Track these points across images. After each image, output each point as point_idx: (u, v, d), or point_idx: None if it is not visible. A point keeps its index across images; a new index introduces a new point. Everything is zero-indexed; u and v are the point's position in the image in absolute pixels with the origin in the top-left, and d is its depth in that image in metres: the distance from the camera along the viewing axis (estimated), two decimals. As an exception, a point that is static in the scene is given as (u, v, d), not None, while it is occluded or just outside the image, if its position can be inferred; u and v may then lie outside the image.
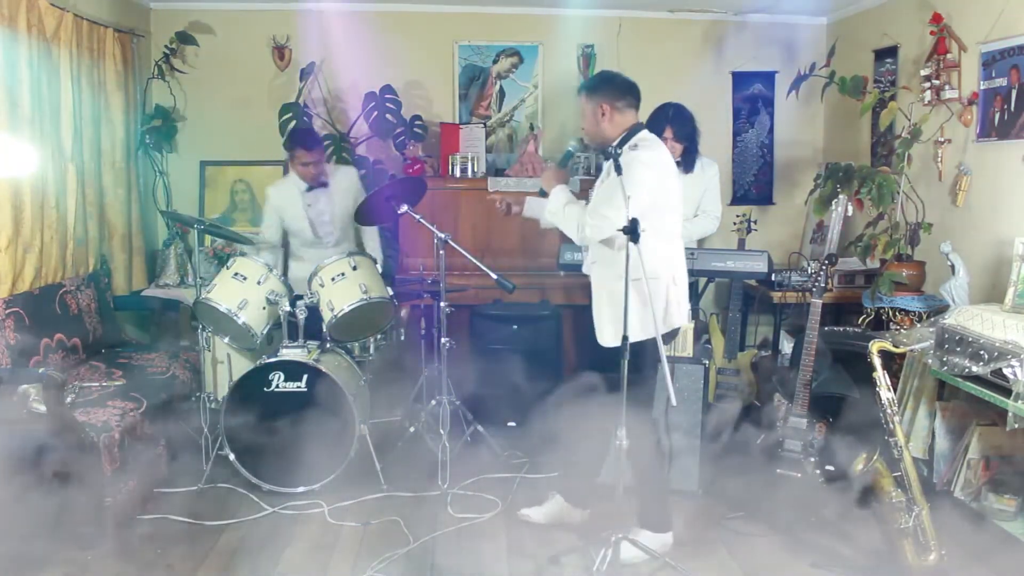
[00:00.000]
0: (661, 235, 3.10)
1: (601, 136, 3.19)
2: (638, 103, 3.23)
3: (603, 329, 3.17)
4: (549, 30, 5.52)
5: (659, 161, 3.10)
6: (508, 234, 5.07)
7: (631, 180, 2.96)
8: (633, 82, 3.23)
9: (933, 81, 4.19)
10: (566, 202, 3.19)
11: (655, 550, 3.14)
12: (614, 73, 3.29)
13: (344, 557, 3.22)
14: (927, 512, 2.98)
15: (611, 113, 3.16)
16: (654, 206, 3.04)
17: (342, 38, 5.28)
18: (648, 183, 3.02)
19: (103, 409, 3.46)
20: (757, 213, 5.48)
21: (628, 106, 3.19)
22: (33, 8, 3.89)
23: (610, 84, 3.20)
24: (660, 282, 3.10)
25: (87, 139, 4.48)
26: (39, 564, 3.06)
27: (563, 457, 3.49)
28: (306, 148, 4.25)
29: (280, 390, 3.73)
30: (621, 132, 3.17)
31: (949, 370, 3.34)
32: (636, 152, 3.05)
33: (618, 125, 3.17)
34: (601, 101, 3.16)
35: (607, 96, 3.16)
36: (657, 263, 3.06)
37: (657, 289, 3.07)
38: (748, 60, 5.62)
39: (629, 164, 2.99)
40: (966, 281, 3.76)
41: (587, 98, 3.21)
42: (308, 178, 4.31)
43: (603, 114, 3.16)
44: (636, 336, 3.00)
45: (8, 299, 3.69)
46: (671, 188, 3.15)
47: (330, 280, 3.94)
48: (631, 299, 2.96)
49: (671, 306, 3.15)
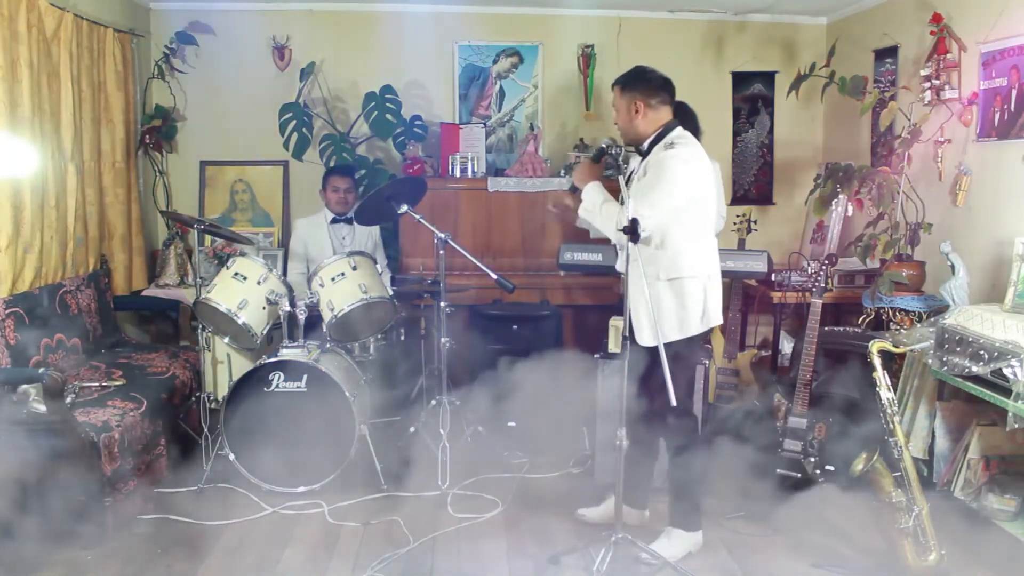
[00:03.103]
0: (697, 234, 3.09)
1: (635, 133, 3.16)
2: (673, 100, 3.18)
3: (641, 329, 3.09)
4: (549, 30, 5.53)
5: (696, 159, 3.06)
6: (508, 234, 5.08)
7: (667, 178, 2.94)
8: (668, 78, 3.17)
9: (933, 81, 4.18)
10: (603, 200, 3.12)
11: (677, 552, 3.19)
12: (648, 69, 3.20)
13: (344, 557, 3.22)
14: (927, 512, 2.98)
15: (645, 110, 3.11)
16: (690, 205, 3.02)
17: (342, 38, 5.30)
18: (684, 181, 2.99)
19: (103, 409, 3.47)
20: (757, 213, 5.48)
21: (662, 103, 3.14)
22: (33, 8, 3.89)
23: (644, 80, 3.15)
24: (697, 281, 3.08)
25: (87, 139, 4.48)
26: (39, 564, 3.06)
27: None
28: (341, 174, 4.69)
29: (280, 390, 3.73)
30: (656, 129, 3.12)
31: (949, 370, 3.34)
32: (673, 150, 3.01)
33: (652, 122, 3.12)
34: (635, 97, 3.11)
35: (641, 92, 3.12)
36: (693, 262, 3.06)
37: (694, 288, 3.06)
38: (748, 60, 5.62)
39: (664, 162, 2.97)
40: (966, 281, 3.75)
41: (620, 93, 3.16)
42: (339, 204, 4.65)
43: (636, 111, 3.12)
44: (675, 335, 3.03)
45: (8, 299, 3.69)
46: (708, 186, 3.11)
47: (330, 280, 3.94)
48: (668, 298, 2.99)
49: (708, 304, 3.12)
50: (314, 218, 4.75)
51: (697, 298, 3.07)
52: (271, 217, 5.53)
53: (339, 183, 4.63)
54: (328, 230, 4.67)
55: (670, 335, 3.04)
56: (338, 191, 4.62)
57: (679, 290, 3.04)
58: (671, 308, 3.03)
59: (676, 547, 3.20)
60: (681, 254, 3.02)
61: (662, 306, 3.03)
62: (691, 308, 3.07)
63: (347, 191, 4.64)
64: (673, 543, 3.21)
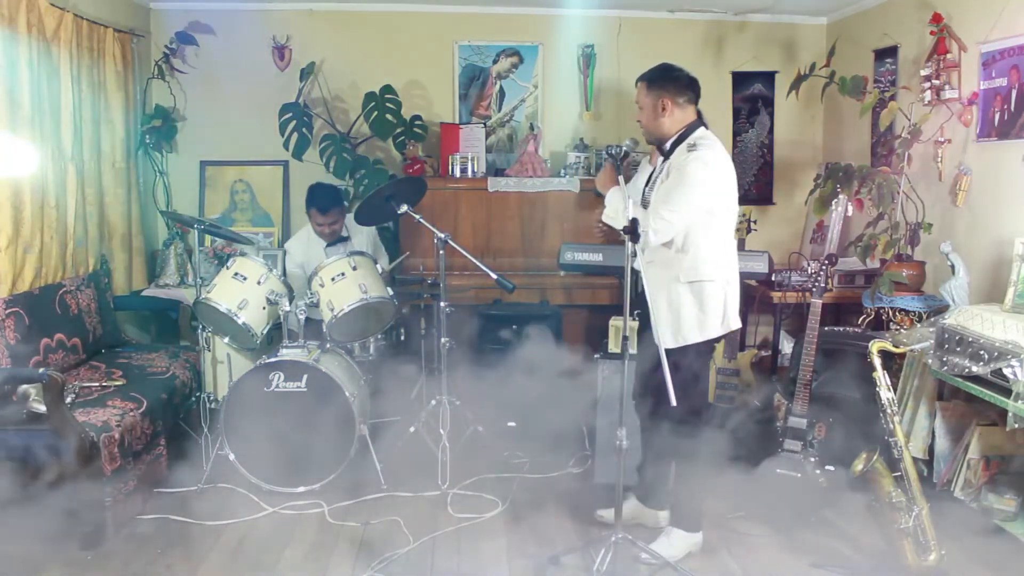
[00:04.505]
0: (720, 239, 3.06)
1: (659, 132, 3.10)
2: (698, 99, 3.13)
3: (663, 331, 3.03)
4: (549, 30, 5.53)
5: (719, 162, 3.02)
6: (508, 234, 5.08)
7: (689, 182, 2.91)
8: (694, 77, 3.13)
9: (933, 81, 4.18)
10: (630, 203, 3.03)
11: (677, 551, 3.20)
12: (676, 67, 3.13)
13: (344, 557, 3.22)
14: (927, 512, 2.98)
15: (672, 108, 3.06)
16: (713, 209, 3.00)
17: (342, 38, 5.29)
18: (706, 185, 2.95)
19: (103, 409, 3.47)
20: (757, 213, 5.48)
21: (688, 102, 3.09)
22: (33, 8, 3.89)
23: (672, 78, 3.08)
24: (717, 284, 3.05)
25: (87, 139, 4.48)
26: (39, 564, 3.06)
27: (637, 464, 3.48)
28: (321, 211, 4.39)
29: (280, 390, 3.73)
30: (680, 129, 3.08)
31: (949, 370, 3.34)
32: (697, 152, 2.96)
33: (677, 121, 3.08)
34: (662, 95, 3.06)
35: (669, 90, 3.06)
36: (714, 266, 3.03)
37: (714, 291, 3.04)
38: (748, 60, 5.62)
39: (687, 165, 2.94)
40: (966, 281, 3.75)
41: (646, 90, 3.09)
42: (325, 237, 4.49)
43: (663, 109, 3.06)
44: (696, 338, 3.04)
45: (8, 299, 3.69)
46: (729, 189, 3.07)
47: (330, 280, 3.94)
48: (688, 301, 3.00)
49: (728, 308, 3.10)
50: (303, 240, 4.59)
51: (718, 301, 3.06)
52: (271, 217, 5.53)
53: (321, 219, 4.41)
54: (324, 252, 4.49)
55: (690, 337, 3.04)
56: (322, 225, 4.45)
57: (699, 293, 3.03)
58: (691, 311, 3.03)
59: (676, 547, 3.20)
60: (703, 258, 3.00)
61: (682, 309, 3.04)
62: (711, 311, 3.05)
63: (332, 223, 4.45)
64: (673, 543, 3.21)
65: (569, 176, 5.16)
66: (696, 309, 3.04)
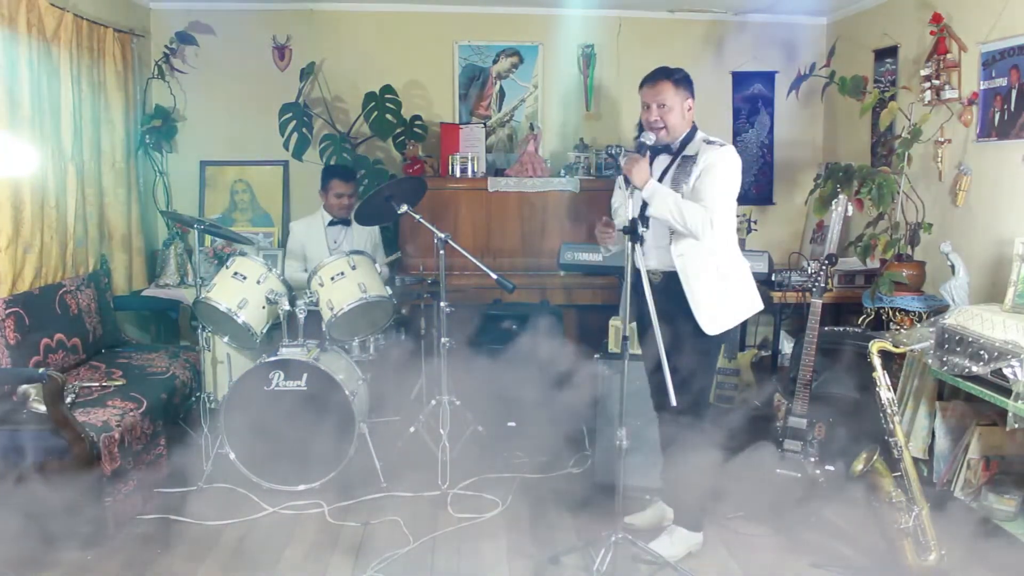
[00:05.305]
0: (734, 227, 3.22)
1: (682, 130, 3.19)
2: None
3: (702, 320, 3.11)
4: (549, 30, 5.52)
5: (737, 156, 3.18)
6: (508, 234, 5.08)
7: (732, 174, 3.09)
8: None
9: (933, 81, 4.18)
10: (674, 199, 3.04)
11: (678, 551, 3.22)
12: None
13: (344, 557, 3.22)
14: (927, 512, 2.98)
15: (692, 110, 3.21)
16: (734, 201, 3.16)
17: (342, 38, 5.29)
18: (737, 178, 3.13)
19: (103, 409, 3.47)
20: (757, 213, 5.49)
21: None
22: (33, 8, 3.89)
23: (689, 80, 3.22)
24: (742, 270, 3.23)
25: (87, 139, 4.48)
26: (39, 564, 3.06)
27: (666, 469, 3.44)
28: (343, 179, 4.61)
29: (280, 389, 3.73)
30: (686, 129, 3.21)
31: (949, 370, 3.34)
32: (724, 148, 3.09)
33: (689, 122, 3.21)
34: (688, 96, 3.18)
35: (690, 90, 3.19)
36: (737, 253, 3.22)
37: (743, 274, 3.22)
38: (748, 60, 5.62)
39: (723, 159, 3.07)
40: (966, 281, 3.75)
41: (675, 90, 3.14)
42: (340, 210, 4.60)
43: (689, 108, 3.19)
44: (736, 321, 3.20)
45: (8, 299, 3.68)
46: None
47: (329, 279, 3.94)
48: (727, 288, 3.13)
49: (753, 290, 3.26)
50: (310, 219, 4.73)
51: (746, 283, 3.22)
52: (271, 217, 5.53)
53: (342, 188, 4.59)
54: (324, 232, 4.66)
55: (727, 324, 3.16)
56: (341, 197, 4.60)
57: (735, 279, 3.18)
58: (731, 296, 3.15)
59: (677, 547, 3.20)
60: (733, 247, 3.20)
61: (724, 296, 3.14)
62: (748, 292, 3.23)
63: (350, 196, 4.62)
64: (675, 542, 3.21)
65: (569, 176, 5.16)
66: (737, 294, 3.17)
